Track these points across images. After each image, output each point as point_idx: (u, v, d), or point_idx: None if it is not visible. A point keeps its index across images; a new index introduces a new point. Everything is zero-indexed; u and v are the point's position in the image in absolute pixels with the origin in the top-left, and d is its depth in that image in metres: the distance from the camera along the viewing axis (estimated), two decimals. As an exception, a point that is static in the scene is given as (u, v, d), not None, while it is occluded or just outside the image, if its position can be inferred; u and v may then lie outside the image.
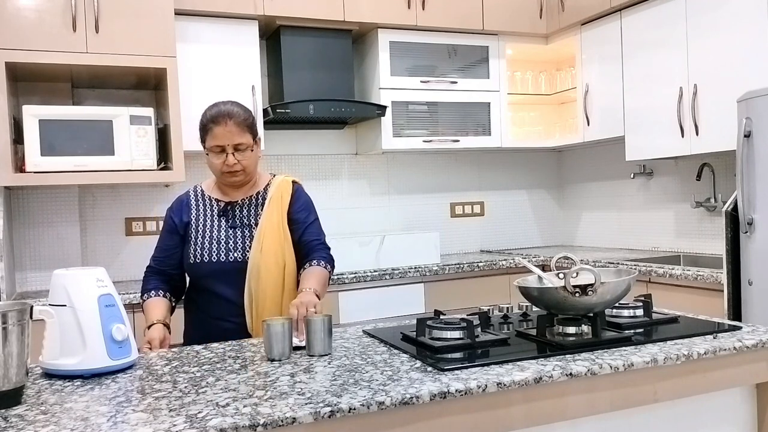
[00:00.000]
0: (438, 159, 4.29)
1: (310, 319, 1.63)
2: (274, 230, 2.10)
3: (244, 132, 2.07)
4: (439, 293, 3.52)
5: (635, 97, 3.53)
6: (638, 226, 4.03)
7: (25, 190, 3.30)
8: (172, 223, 2.17)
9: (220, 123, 2.04)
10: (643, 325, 1.80)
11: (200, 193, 2.21)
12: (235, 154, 2.06)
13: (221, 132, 2.04)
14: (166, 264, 2.17)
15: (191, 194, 2.22)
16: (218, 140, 2.05)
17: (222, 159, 2.06)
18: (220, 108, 2.07)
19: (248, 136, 2.08)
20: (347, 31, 3.70)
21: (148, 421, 1.19)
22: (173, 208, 2.21)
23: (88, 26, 2.99)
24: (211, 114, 2.07)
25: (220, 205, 2.16)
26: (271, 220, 2.11)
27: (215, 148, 2.06)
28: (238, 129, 2.05)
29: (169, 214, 2.20)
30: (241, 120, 2.06)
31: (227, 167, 2.06)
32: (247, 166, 2.09)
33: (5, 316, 1.29)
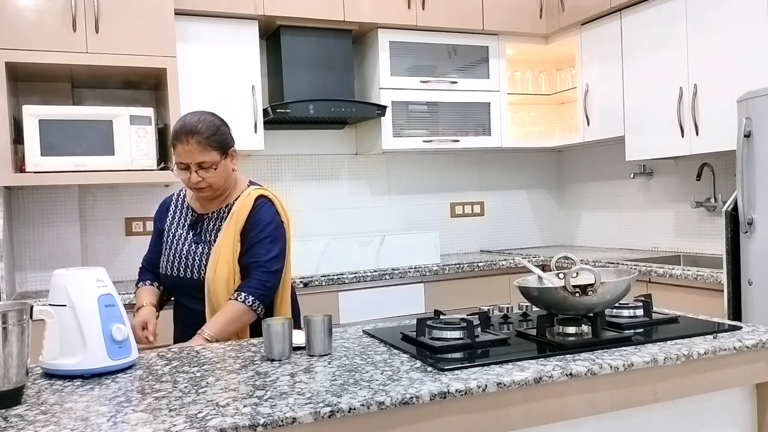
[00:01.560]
0: (438, 159, 4.29)
1: (310, 319, 1.63)
2: (228, 250, 2.04)
3: (208, 150, 1.99)
4: (439, 293, 3.52)
5: (635, 97, 3.53)
6: (638, 226, 4.03)
7: (25, 190, 3.30)
8: (156, 225, 2.23)
9: (182, 140, 1.99)
10: (643, 325, 1.80)
11: (181, 198, 2.22)
12: (199, 171, 2.00)
13: (183, 150, 1.99)
14: (156, 266, 2.20)
15: (173, 200, 2.24)
16: (180, 158, 2.01)
17: (186, 176, 2.01)
18: (185, 122, 2.01)
19: (213, 153, 2.00)
20: (347, 31, 3.70)
21: (148, 421, 1.19)
22: (157, 211, 2.25)
23: (88, 26, 2.99)
24: (175, 129, 2.02)
25: (193, 216, 2.15)
26: (227, 239, 2.05)
27: (180, 164, 2.02)
28: (199, 147, 1.98)
29: (156, 217, 2.25)
30: (203, 138, 1.98)
31: (192, 183, 2.02)
32: (213, 182, 2.02)
33: (5, 316, 1.29)
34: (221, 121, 2.08)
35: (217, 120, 2.06)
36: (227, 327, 1.96)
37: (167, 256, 2.12)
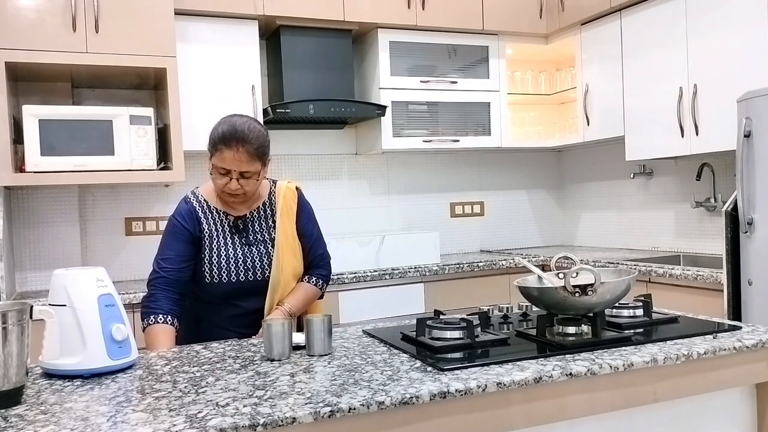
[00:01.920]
0: (438, 159, 4.29)
1: (310, 319, 1.63)
2: (289, 245, 2.12)
3: (254, 161, 1.96)
4: (439, 293, 3.52)
5: (635, 97, 3.53)
6: (638, 226, 4.03)
7: (25, 190, 3.30)
8: (185, 230, 2.02)
9: (232, 147, 1.92)
10: (643, 325, 1.80)
11: (204, 202, 2.08)
12: (240, 180, 1.97)
13: (230, 157, 1.93)
14: (181, 275, 2.01)
15: (195, 204, 2.07)
16: (225, 164, 1.95)
17: (225, 181, 1.97)
18: (236, 128, 1.94)
19: (257, 164, 1.97)
20: (347, 31, 3.70)
21: (148, 421, 1.19)
22: (183, 216, 2.04)
23: (88, 26, 2.99)
24: (223, 131, 1.94)
25: (230, 219, 2.08)
26: (286, 235, 2.11)
27: (221, 169, 1.96)
28: (248, 157, 1.94)
29: (179, 222, 2.03)
30: (253, 148, 1.95)
31: (229, 190, 1.99)
32: (249, 191, 2.02)
33: (5, 316, 1.29)
34: (266, 130, 2.05)
35: (264, 129, 2.02)
36: (304, 306, 2.15)
37: (217, 263, 2.03)
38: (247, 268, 2.06)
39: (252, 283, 2.07)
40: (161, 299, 1.97)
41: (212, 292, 2.06)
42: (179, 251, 2.02)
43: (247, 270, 2.06)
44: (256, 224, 2.11)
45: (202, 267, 2.05)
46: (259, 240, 2.09)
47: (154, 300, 1.97)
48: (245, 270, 2.06)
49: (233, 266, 2.04)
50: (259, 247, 2.09)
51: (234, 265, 2.05)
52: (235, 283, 2.05)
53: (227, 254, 2.05)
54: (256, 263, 2.07)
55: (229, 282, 2.05)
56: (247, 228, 2.10)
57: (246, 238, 2.09)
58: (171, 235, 2.03)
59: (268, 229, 2.11)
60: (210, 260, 2.04)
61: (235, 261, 2.05)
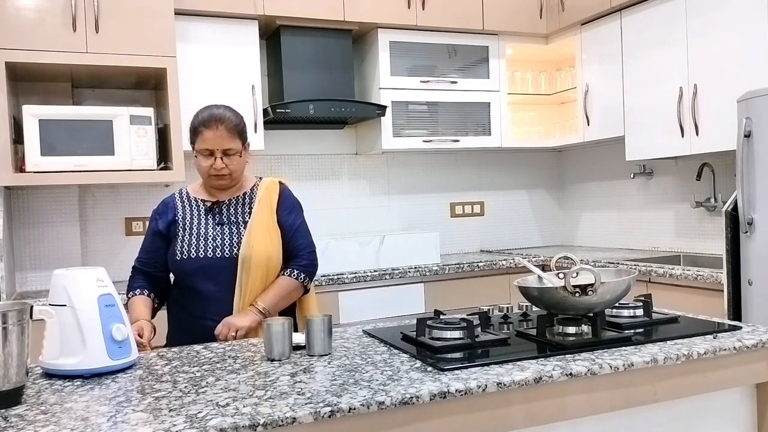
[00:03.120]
0: (438, 159, 4.29)
1: (310, 319, 1.64)
2: (263, 228, 2.12)
3: (234, 137, 2.09)
4: (439, 293, 3.52)
5: (635, 97, 3.53)
6: (638, 226, 4.03)
7: (25, 190, 3.30)
8: (155, 225, 2.19)
9: (211, 127, 2.06)
10: (643, 325, 1.80)
11: (186, 195, 2.22)
12: (224, 158, 2.08)
13: (211, 136, 2.06)
14: (151, 266, 2.19)
15: (176, 196, 2.23)
16: (208, 144, 2.07)
17: (210, 162, 2.09)
18: (212, 111, 2.09)
19: (238, 141, 2.10)
20: (347, 31, 3.70)
21: (148, 421, 1.19)
22: (158, 210, 2.22)
23: (88, 26, 2.99)
24: (202, 117, 2.09)
25: (206, 204, 2.18)
26: (261, 218, 2.13)
27: (204, 151, 2.09)
28: (228, 134, 2.08)
29: (153, 216, 2.22)
30: (232, 126, 2.09)
31: (214, 170, 2.09)
32: (234, 170, 2.12)
33: (5, 316, 1.29)
34: (240, 114, 2.18)
35: (238, 112, 2.17)
36: (280, 301, 2.11)
37: (187, 241, 2.11)
38: (216, 245, 2.10)
39: (220, 260, 2.08)
40: (137, 280, 2.21)
41: (183, 270, 2.12)
42: (149, 244, 2.21)
43: (216, 247, 2.10)
44: (231, 208, 2.17)
45: (175, 246, 2.13)
46: (232, 221, 2.14)
47: (131, 281, 2.22)
48: (214, 247, 2.10)
49: (202, 243, 2.11)
50: (231, 227, 2.13)
51: (203, 242, 2.11)
52: (203, 260, 2.09)
53: (198, 232, 2.13)
54: (225, 240, 2.11)
55: (198, 258, 2.09)
56: (222, 210, 2.16)
57: (219, 218, 2.15)
58: (147, 231, 2.24)
59: (243, 214, 2.15)
60: (182, 239, 2.13)
61: (205, 238, 2.11)
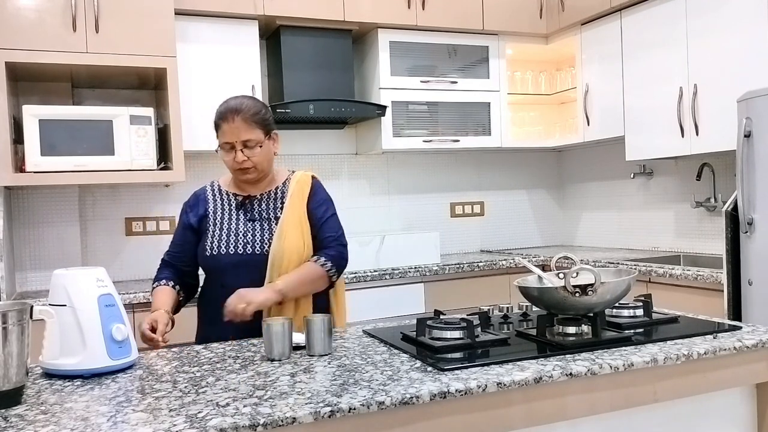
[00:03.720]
0: (438, 159, 4.29)
1: (311, 319, 1.64)
2: (295, 224, 2.07)
3: (253, 128, 2.02)
4: (439, 293, 3.52)
5: (635, 97, 3.53)
6: (638, 226, 4.03)
7: (25, 190, 3.30)
8: (186, 218, 2.14)
9: (228, 119, 2.01)
10: (643, 325, 1.80)
11: (217, 188, 2.18)
12: (244, 150, 2.02)
13: (228, 128, 2.01)
14: (179, 259, 2.14)
15: (208, 189, 2.18)
16: (226, 137, 2.02)
17: (232, 156, 2.03)
18: (229, 103, 2.05)
19: (258, 131, 2.03)
20: (347, 31, 3.70)
21: (148, 421, 1.19)
22: (189, 203, 2.17)
23: (88, 26, 2.99)
24: (220, 110, 2.05)
25: (238, 199, 2.13)
26: (293, 213, 2.08)
27: (225, 145, 2.03)
28: (245, 125, 2.01)
29: (184, 209, 2.17)
30: (249, 115, 2.02)
31: (237, 164, 2.04)
32: (258, 162, 2.05)
33: (5, 316, 1.29)
34: (263, 103, 2.13)
35: (259, 101, 2.12)
36: (300, 286, 2.01)
37: (218, 236, 2.07)
38: (247, 241, 2.05)
39: (251, 257, 2.03)
40: (164, 271, 2.15)
41: (213, 265, 2.07)
42: (179, 238, 2.16)
43: (247, 243, 2.05)
44: (263, 203, 2.12)
45: (205, 242, 2.08)
46: (264, 217, 2.09)
47: (158, 273, 2.16)
48: (245, 243, 2.05)
49: (233, 239, 2.06)
50: (263, 223, 2.08)
51: (234, 238, 2.06)
52: (234, 256, 2.04)
53: (228, 228, 2.08)
54: (257, 237, 2.06)
55: (228, 254, 2.04)
56: (253, 206, 2.11)
57: (251, 214, 2.10)
58: (178, 222, 2.19)
59: (275, 209, 2.10)
60: (212, 234, 2.08)
61: (236, 234, 2.07)
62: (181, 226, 2.16)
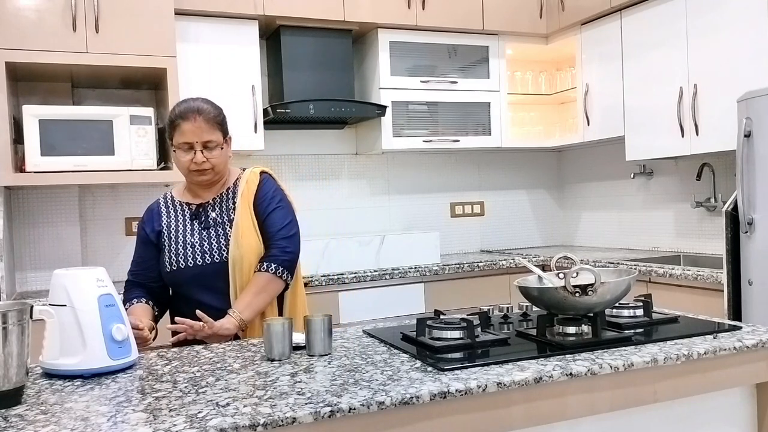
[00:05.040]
0: (438, 159, 4.29)
1: (310, 319, 1.63)
2: (248, 225, 2.04)
3: (214, 129, 2.00)
4: (439, 293, 3.52)
5: (635, 97, 3.53)
6: (638, 226, 4.03)
7: (25, 190, 3.30)
8: (144, 234, 2.11)
9: (189, 119, 1.97)
10: (643, 325, 1.80)
11: (170, 199, 2.15)
12: (204, 152, 1.98)
13: (189, 128, 1.97)
14: (145, 276, 2.11)
15: (161, 202, 2.15)
16: (186, 137, 1.97)
17: (190, 156, 1.99)
18: (189, 104, 2.01)
19: (218, 133, 2.01)
20: (347, 31, 3.70)
21: (148, 421, 1.19)
22: (144, 219, 2.14)
23: (88, 26, 2.99)
24: (179, 110, 2.00)
25: (191, 208, 2.10)
26: (245, 214, 2.05)
27: (183, 145, 1.99)
28: (207, 126, 1.98)
29: (140, 225, 2.14)
30: (210, 117, 1.99)
31: (195, 165, 1.99)
32: (216, 164, 2.02)
33: (5, 316, 1.29)
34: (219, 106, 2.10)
35: (216, 104, 2.08)
36: (254, 299, 1.97)
37: (174, 251, 2.04)
38: (204, 251, 2.02)
39: (211, 266, 2.01)
40: (133, 291, 2.11)
41: (176, 281, 2.05)
42: (140, 255, 2.14)
43: (204, 253, 2.02)
44: (216, 208, 2.08)
45: (164, 258, 2.06)
46: (218, 222, 2.06)
47: (127, 293, 2.11)
48: (202, 253, 2.02)
49: (190, 251, 2.03)
50: (217, 229, 2.05)
51: (191, 250, 2.03)
52: (193, 268, 2.02)
53: (184, 240, 2.05)
54: (213, 244, 2.03)
55: (187, 268, 2.02)
56: (206, 212, 2.08)
57: (205, 222, 2.07)
58: (137, 239, 2.17)
59: (228, 212, 2.07)
60: (169, 249, 2.06)
61: (192, 245, 2.04)
62: (140, 242, 2.13)
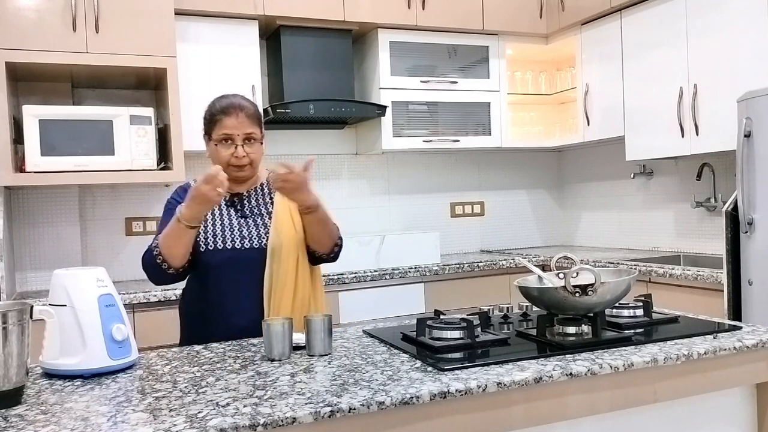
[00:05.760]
0: (438, 159, 4.29)
1: (310, 319, 1.63)
2: (287, 218, 2.07)
3: (255, 124, 2.04)
4: (439, 293, 3.52)
5: (635, 97, 3.53)
6: (638, 226, 4.03)
7: (25, 190, 3.30)
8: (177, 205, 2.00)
9: (232, 114, 2.00)
10: (643, 325, 1.80)
11: None
12: (245, 146, 2.01)
13: (233, 123, 2.00)
14: None
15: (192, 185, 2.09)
16: (229, 129, 1.99)
17: (231, 150, 2.00)
18: (231, 100, 2.04)
19: (257, 128, 2.05)
20: (347, 31, 3.70)
21: (148, 421, 1.19)
22: (178, 193, 2.10)
23: (88, 26, 2.99)
24: (221, 105, 2.03)
25: (226, 196, 2.08)
26: (284, 209, 2.07)
27: (224, 138, 2.00)
28: (249, 120, 2.02)
29: (174, 199, 2.08)
30: (251, 113, 2.04)
31: (236, 159, 2.00)
32: (254, 159, 2.05)
33: (5, 316, 1.29)
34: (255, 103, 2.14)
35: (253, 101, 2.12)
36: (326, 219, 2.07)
37: (212, 232, 2.03)
38: (243, 236, 2.04)
39: (248, 251, 2.02)
40: None
41: (210, 261, 2.02)
42: None
43: (243, 238, 2.04)
44: (252, 200, 2.12)
45: (198, 237, 2.02)
46: (256, 213, 2.09)
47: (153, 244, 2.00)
48: (241, 238, 2.04)
49: (228, 234, 2.04)
50: (255, 219, 2.08)
51: (229, 233, 2.05)
52: (231, 251, 2.02)
53: (222, 223, 2.06)
54: (252, 231, 2.06)
55: (225, 249, 2.02)
56: (243, 203, 2.11)
57: (242, 211, 2.09)
58: (164, 212, 2.08)
59: (266, 205, 2.11)
60: (205, 230, 2.04)
61: (231, 229, 2.05)
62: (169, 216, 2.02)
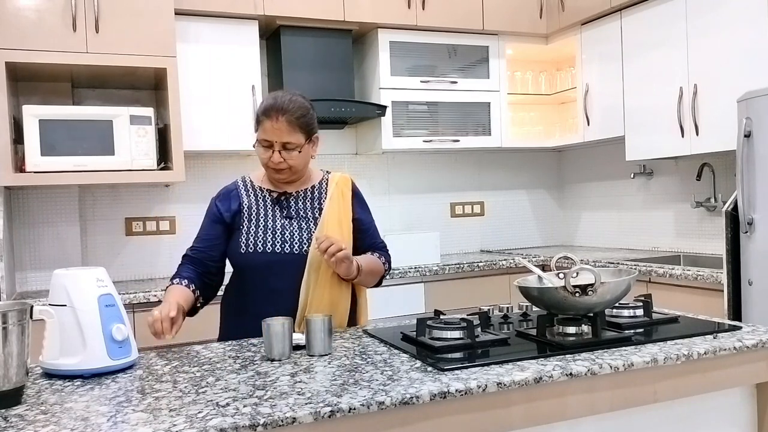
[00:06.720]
0: (438, 159, 4.29)
1: (310, 319, 1.63)
2: (335, 226, 2.01)
3: (296, 131, 1.95)
4: (439, 293, 3.52)
5: (635, 97, 3.53)
6: (638, 226, 4.03)
7: (25, 190, 3.30)
8: (216, 211, 2.04)
9: (271, 117, 1.93)
10: (643, 325, 1.80)
11: (249, 183, 2.09)
12: (282, 152, 1.95)
13: (270, 127, 1.93)
14: (206, 255, 2.02)
15: (239, 183, 2.09)
16: (266, 135, 1.95)
17: (268, 155, 1.96)
18: (276, 100, 1.96)
19: (299, 135, 1.96)
20: (347, 31, 3.70)
21: (148, 421, 1.19)
22: (220, 196, 2.07)
23: (88, 26, 2.99)
24: (265, 105, 1.97)
25: (273, 195, 2.05)
26: (333, 215, 2.03)
27: (263, 142, 1.96)
28: (288, 127, 1.93)
29: (214, 203, 2.07)
30: (294, 117, 1.94)
31: (272, 164, 1.97)
32: (294, 165, 1.97)
33: (5, 316, 1.29)
34: (311, 104, 2.04)
35: (307, 102, 2.02)
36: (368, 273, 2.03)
37: (253, 233, 1.99)
38: (285, 240, 1.98)
39: (288, 256, 1.97)
40: (185, 269, 2.02)
41: (247, 264, 1.98)
42: (207, 232, 2.06)
43: (285, 242, 1.98)
44: (300, 201, 2.05)
45: (239, 238, 2.00)
46: (302, 216, 2.02)
47: (177, 271, 2.02)
48: (282, 242, 1.98)
49: (270, 237, 1.99)
50: (300, 222, 2.01)
51: (271, 236, 1.99)
52: (270, 255, 1.97)
53: (265, 224, 2.00)
54: (295, 236, 1.99)
55: (264, 252, 1.97)
56: (289, 203, 2.05)
57: (287, 211, 2.03)
58: (205, 216, 2.09)
59: (313, 209, 2.04)
60: (247, 231, 2.00)
61: (273, 231, 1.99)
62: (209, 219, 2.05)
